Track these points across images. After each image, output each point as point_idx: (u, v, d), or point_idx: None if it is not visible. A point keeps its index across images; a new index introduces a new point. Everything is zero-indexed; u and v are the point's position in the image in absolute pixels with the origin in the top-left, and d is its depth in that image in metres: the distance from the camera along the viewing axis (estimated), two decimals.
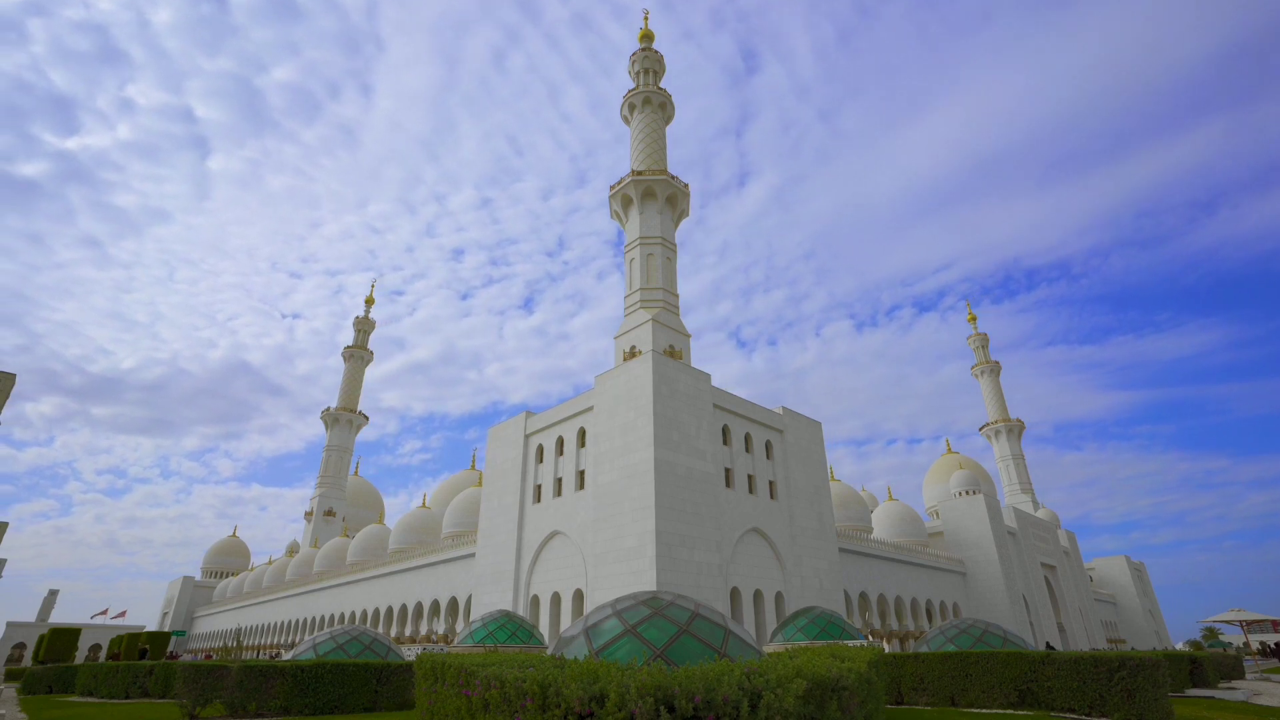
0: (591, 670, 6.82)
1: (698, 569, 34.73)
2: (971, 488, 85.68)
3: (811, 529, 44.98)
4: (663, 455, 35.28)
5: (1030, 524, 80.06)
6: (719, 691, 6.02)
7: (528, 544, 42.68)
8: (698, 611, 11.18)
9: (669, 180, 54.97)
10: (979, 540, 68.19)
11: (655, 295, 51.11)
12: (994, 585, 65.72)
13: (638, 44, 65.01)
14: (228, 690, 17.56)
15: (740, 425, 42.77)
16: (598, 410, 39.87)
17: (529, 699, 6.60)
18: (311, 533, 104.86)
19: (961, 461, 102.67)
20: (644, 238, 53.27)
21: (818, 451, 49.16)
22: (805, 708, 6.34)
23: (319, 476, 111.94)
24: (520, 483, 44.96)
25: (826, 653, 9.68)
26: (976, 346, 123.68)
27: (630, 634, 10.48)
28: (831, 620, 27.66)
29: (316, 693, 17.70)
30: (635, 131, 60.49)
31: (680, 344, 49.96)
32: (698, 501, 36.40)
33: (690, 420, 38.19)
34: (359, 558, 71.91)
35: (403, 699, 19.11)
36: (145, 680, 27.53)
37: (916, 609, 60.24)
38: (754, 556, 39.85)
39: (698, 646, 10.13)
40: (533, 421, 46.07)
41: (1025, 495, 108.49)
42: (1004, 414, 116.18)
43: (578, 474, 41.04)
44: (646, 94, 60.85)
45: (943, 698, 18.95)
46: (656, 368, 37.30)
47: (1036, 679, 17.43)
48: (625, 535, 34.73)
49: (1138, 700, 15.51)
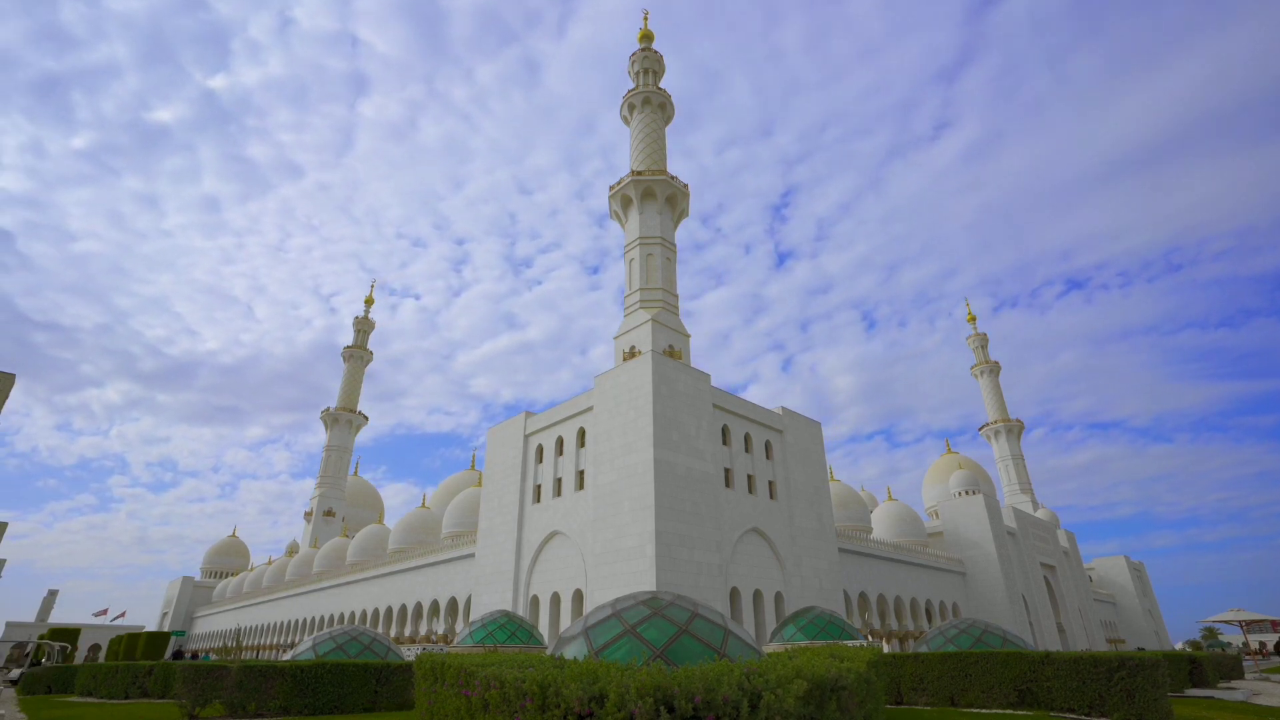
0: (591, 670, 6.82)
1: (697, 569, 34.72)
2: (971, 488, 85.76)
3: (811, 529, 44.99)
4: (662, 455, 35.28)
5: (1030, 524, 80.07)
6: (719, 692, 6.02)
7: (527, 544, 42.68)
8: (697, 612, 11.18)
9: (669, 180, 55.01)
10: (979, 540, 68.22)
11: (655, 295, 51.13)
12: (993, 585, 65.74)
13: (637, 44, 65.01)
14: (227, 690, 17.56)
15: (740, 425, 42.78)
16: (597, 410, 39.87)
17: (529, 699, 6.60)
18: (311, 533, 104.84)
19: (961, 461, 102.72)
20: (644, 238, 53.31)
21: (817, 451, 49.18)
22: (805, 708, 6.34)
23: (319, 476, 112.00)
24: (520, 483, 44.96)
25: (826, 653, 9.68)
26: (975, 346, 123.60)
27: (630, 634, 10.48)
28: (831, 620, 27.67)
29: (316, 693, 17.71)
30: (635, 131, 60.48)
31: (680, 344, 49.98)
32: (697, 501, 36.40)
33: (690, 420, 38.20)
34: (359, 558, 71.87)
35: (402, 699, 19.11)
36: (145, 680, 27.51)
37: (916, 609, 60.25)
38: (753, 556, 39.85)
39: (697, 647, 10.13)
40: (532, 421, 46.07)
41: (1025, 495, 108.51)
42: (1004, 414, 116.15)
43: (577, 474, 41.04)
44: (646, 94, 60.85)
45: (942, 698, 18.95)
46: (656, 368, 37.31)
47: (1036, 679, 17.43)
48: (625, 535, 34.73)
49: (1137, 700, 15.52)
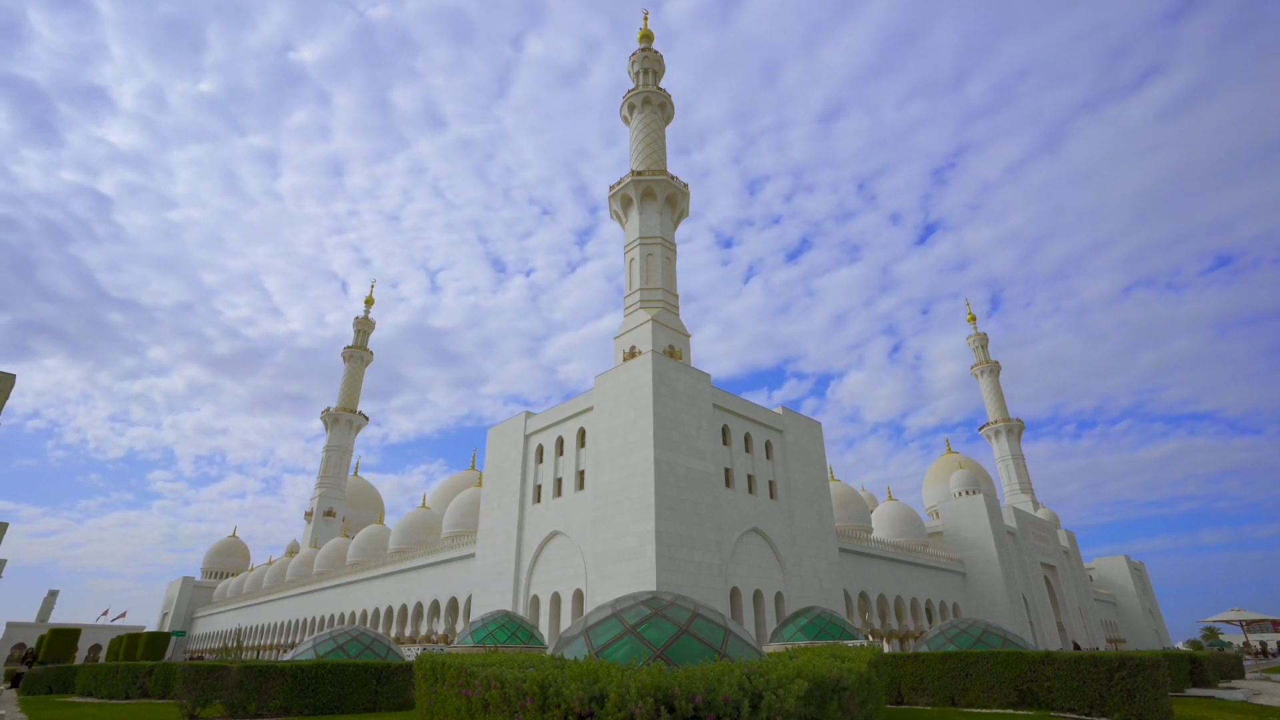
0: (591, 670, 6.82)
1: (697, 569, 34.72)
2: (971, 488, 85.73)
3: (811, 529, 44.97)
4: (662, 455, 35.28)
5: (1030, 524, 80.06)
6: (719, 692, 6.02)
7: (528, 544, 42.67)
8: (697, 612, 11.17)
9: (669, 180, 55.01)
10: (979, 540, 68.19)
11: (655, 295, 51.12)
12: (994, 585, 65.72)
13: (637, 44, 64.98)
14: (228, 690, 17.56)
15: (740, 425, 42.77)
16: (598, 410, 39.87)
17: (529, 699, 6.59)
18: (311, 533, 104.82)
19: (961, 461, 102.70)
20: (644, 238, 53.30)
21: (817, 451, 49.17)
22: (806, 708, 6.34)
23: (319, 477, 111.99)
24: (520, 483, 44.95)
25: (827, 653, 9.68)
26: (976, 346, 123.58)
27: (630, 634, 10.48)
28: (831, 620, 27.66)
29: (316, 693, 17.71)
30: (635, 131, 60.47)
31: (680, 344, 49.96)
32: (697, 501, 36.40)
33: (690, 420, 38.19)
34: (359, 558, 71.84)
35: (403, 699, 19.11)
36: (145, 681, 27.52)
37: (916, 609, 60.23)
38: (754, 556, 39.84)
39: (698, 647, 10.13)
40: (532, 421, 46.06)
41: (1025, 495, 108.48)
42: (1004, 414, 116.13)
43: (578, 474, 41.03)
44: (646, 94, 60.83)
45: (943, 698, 18.95)
46: (656, 368, 37.30)
47: (1036, 679, 17.43)
48: (625, 535, 34.72)
49: (1138, 700, 15.51)
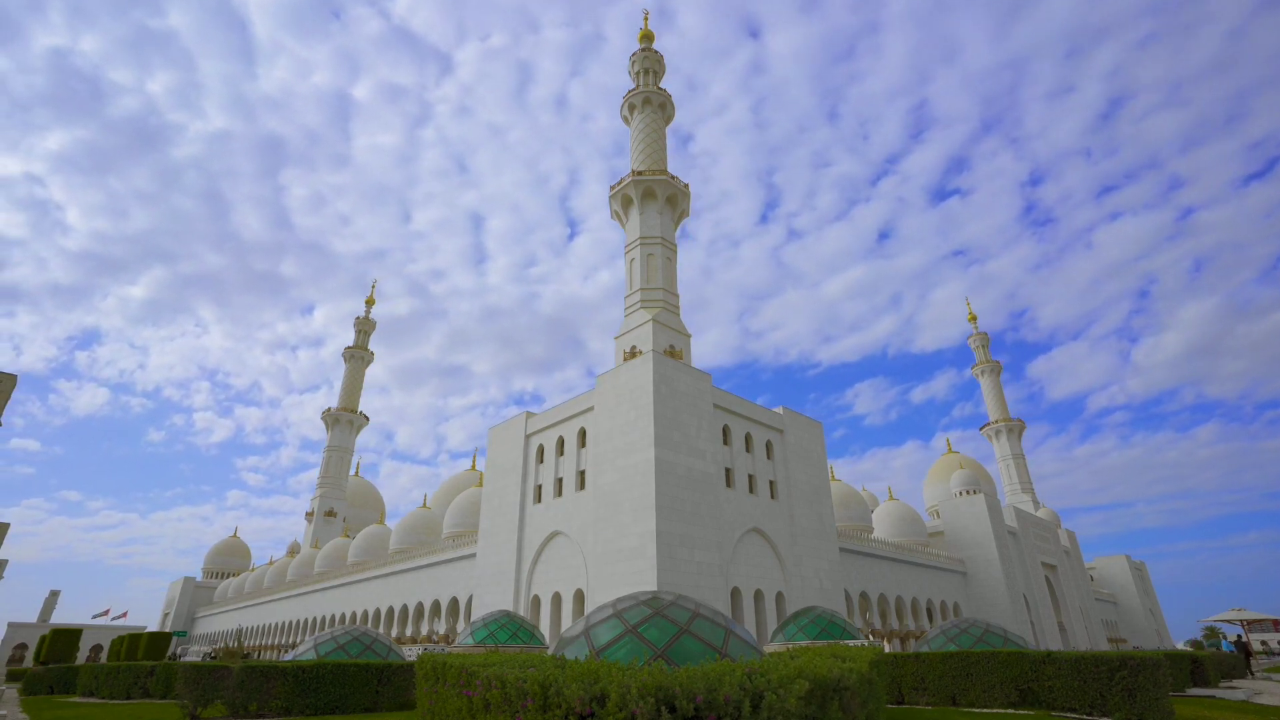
0: (592, 670, 6.82)
1: (698, 569, 34.71)
2: (972, 487, 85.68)
3: (812, 529, 44.96)
4: (663, 455, 35.27)
5: (1031, 523, 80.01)
6: (720, 692, 6.01)
7: (528, 544, 42.67)
8: (698, 611, 11.17)
9: (669, 180, 55.02)
10: (979, 540, 68.16)
11: (655, 295, 51.13)
12: (994, 585, 65.69)
13: (638, 44, 64.99)
14: (229, 690, 17.56)
15: (740, 425, 42.76)
16: (598, 410, 39.86)
17: (530, 699, 6.59)
18: (312, 533, 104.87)
19: (962, 461, 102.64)
20: (644, 238, 53.31)
21: (818, 451, 49.14)
22: (807, 708, 6.34)
23: (319, 477, 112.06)
24: (521, 483, 44.95)
25: (827, 653, 9.68)
26: (976, 346, 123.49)
27: (631, 634, 10.48)
28: (832, 620, 27.66)
29: (317, 693, 17.71)
30: (635, 131, 60.48)
31: (680, 344, 49.97)
32: (698, 501, 36.39)
33: (690, 420, 38.18)
34: (360, 558, 71.88)
35: (404, 699, 19.10)
36: (146, 681, 27.53)
37: (917, 609, 60.21)
38: (754, 556, 39.84)
39: (698, 646, 10.13)
40: (533, 421, 46.06)
41: (1026, 495, 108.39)
42: (1004, 414, 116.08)
43: (578, 474, 41.03)
44: (646, 94, 60.84)
45: (943, 697, 18.94)
46: (657, 368, 37.30)
47: (1037, 679, 17.41)
48: (626, 535, 34.72)
49: (1138, 700, 15.49)
